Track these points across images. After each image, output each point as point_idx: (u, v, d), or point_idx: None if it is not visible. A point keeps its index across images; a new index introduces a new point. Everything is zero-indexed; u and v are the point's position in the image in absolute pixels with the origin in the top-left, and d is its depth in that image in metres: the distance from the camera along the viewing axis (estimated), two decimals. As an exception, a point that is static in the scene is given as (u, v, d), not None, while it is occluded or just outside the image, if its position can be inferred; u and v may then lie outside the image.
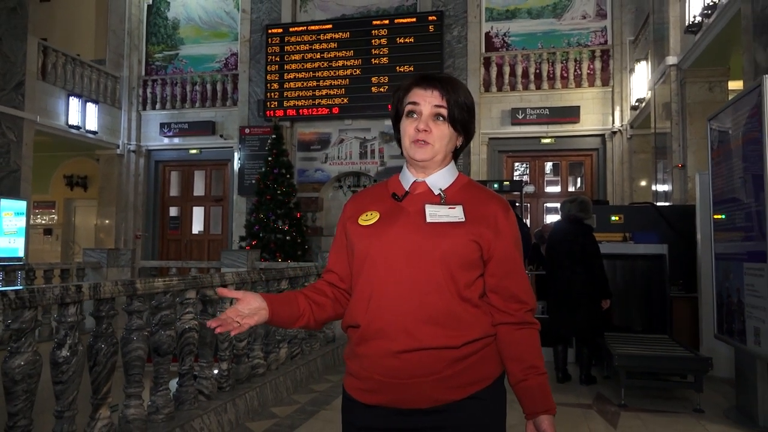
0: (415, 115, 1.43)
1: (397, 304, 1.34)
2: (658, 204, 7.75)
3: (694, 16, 6.68)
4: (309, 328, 1.59)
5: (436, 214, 1.39)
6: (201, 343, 3.76)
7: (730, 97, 6.80)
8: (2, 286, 5.27)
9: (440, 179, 1.46)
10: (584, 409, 4.50)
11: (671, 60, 7.54)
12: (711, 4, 6.16)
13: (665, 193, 8.28)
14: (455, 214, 1.39)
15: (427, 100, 1.41)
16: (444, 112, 1.41)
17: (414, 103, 1.42)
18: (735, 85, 7.06)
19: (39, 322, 5.71)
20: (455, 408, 1.34)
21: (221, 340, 4.01)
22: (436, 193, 1.44)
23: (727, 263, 4.59)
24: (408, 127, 1.43)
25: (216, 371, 3.98)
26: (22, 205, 10.00)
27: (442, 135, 1.42)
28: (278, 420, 4.08)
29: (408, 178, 1.48)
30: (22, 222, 9.97)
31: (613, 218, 6.70)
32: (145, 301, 3.19)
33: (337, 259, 1.52)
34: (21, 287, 2.50)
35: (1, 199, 9.58)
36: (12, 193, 10.00)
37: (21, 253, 9.94)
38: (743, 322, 4.22)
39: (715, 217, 4.86)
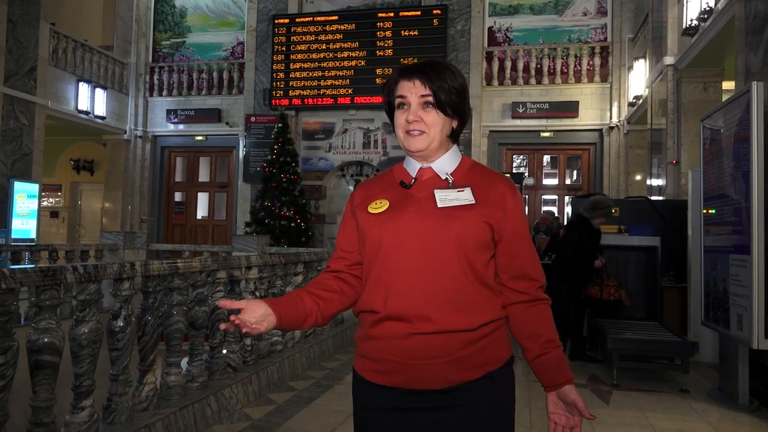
0: (405, 106, 1.44)
1: (415, 290, 1.35)
2: (653, 198, 8.08)
3: (691, 20, 6.98)
4: (317, 326, 1.57)
5: (446, 198, 1.40)
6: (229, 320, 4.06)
7: (723, 97, 7.13)
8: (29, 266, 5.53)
9: (446, 163, 1.47)
10: (579, 388, 4.82)
11: (668, 60, 7.84)
12: (707, 9, 6.46)
13: (659, 187, 8.62)
14: (465, 196, 1.41)
15: (412, 92, 1.42)
16: (430, 99, 1.41)
17: (401, 96, 1.44)
18: (728, 85, 7.37)
19: (62, 299, 6.02)
20: (468, 387, 1.36)
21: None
22: (443, 178, 1.45)
23: (715, 255, 4.92)
24: (399, 118, 1.45)
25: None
26: (34, 187, 10.27)
27: (433, 122, 1.42)
28: (297, 392, 4.41)
29: (413, 165, 1.48)
30: (34, 204, 10.24)
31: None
32: (184, 279, 3.50)
33: (347, 245, 1.51)
34: (87, 263, 2.80)
35: (15, 182, 9.83)
36: (24, 176, 10.25)
37: (33, 235, 10.22)
38: (727, 310, 4.56)
39: (706, 212, 5.19)
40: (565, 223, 6.47)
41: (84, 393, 2.73)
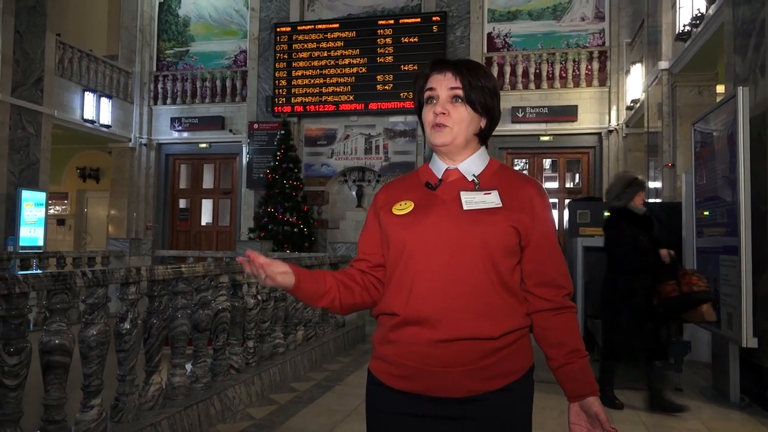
0: (433, 101, 1.41)
1: (438, 293, 1.32)
2: (649, 201, 8.17)
3: (684, 25, 7.10)
4: (333, 310, 1.47)
5: (472, 200, 1.37)
6: (232, 323, 4.20)
7: (717, 101, 7.23)
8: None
9: (472, 165, 1.43)
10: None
11: (663, 65, 7.97)
12: (699, 14, 6.58)
13: (656, 190, 8.72)
14: (492, 199, 1.37)
15: (442, 84, 1.40)
16: (460, 93, 1.39)
17: (431, 89, 1.41)
18: (722, 88, 7.47)
19: (73, 302, 6.16)
20: (487, 398, 1.33)
21: (248, 321, 4.45)
22: (469, 180, 1.41)
23: (707, 256, 5.04)
24: (427, 114, 1.42)
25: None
26: (41, 196, 10.45)
27: (460, 117, 1.39)
28: (299, 393, 4.54)
29: (440, 166, 1.45)
30: (41, 212, 10.42)
31: (606, 214, 7.11)
32: (188, 284, 3.63)
33: (369, 247, 1.49)
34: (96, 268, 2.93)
35: (23, 191, 10.01)
36: (31, 184, 10.43)
37: (41, 242, 10.39)
38: (718, 310, 4.67)
39: (701, 214, 5.29)
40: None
41: (93, 392, 2.86)
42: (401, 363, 1.35)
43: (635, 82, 10.09)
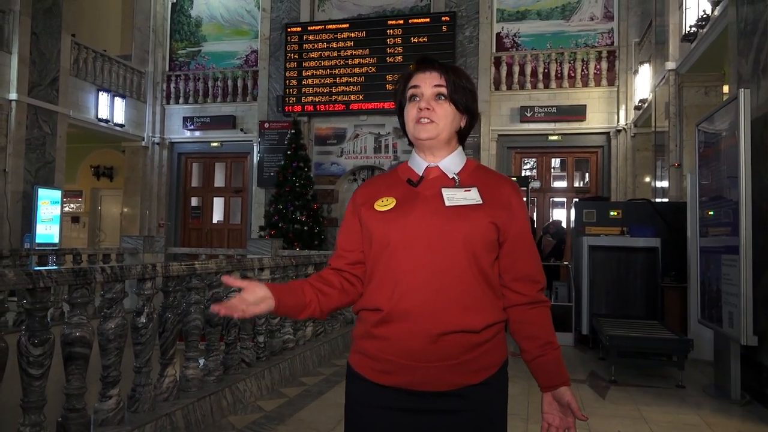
0: (417, 98, 1.45)
1: (423, 288, 1.35)
2: (656, 200, 8.23)
3: (690, 26, 7.15)
4: (314, 318, 1.51)
5: (453, 197, 1.41)
6: (243, 318, 4.32)
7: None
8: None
9: (452, 163, 1.47)
10: (577, 383, 5.04)
11: (670, 65, 8.01)
12: (704, 16, 6.63)
13: (663, 189, 8.77)
14: (472, 196, 1.41)
15: (426, 82, 1.44)
16: (444, 90, 1.43)
17: (415, 87, 1.45)
18: (729, 89, 7.51)
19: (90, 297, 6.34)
20: (466, 392, 1.37)
21: (258, 317, 4.58)
22: (450, 177, 1.46)
23: (710, 255, 5.11)
24: (411, 110, 1.46)
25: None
26: (57, 194, 10.66)
27: (445, 113, 1.44)
28: (308, 387, 4.66)
29: (420, 164, 1.49)
30: (57, 210, 10.63)
31: (612, 213, 7.21)
32: (201, 280, 3.76)
33: (349, 244, 1.51)
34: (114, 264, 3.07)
35: (39, 189, 10.22)
36: (47, 182, 10.65)
37: (56, 239, 10.60)
38: (720, 308, 4.74)
39: (705, 214, 5.36)
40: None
41: (111, 383, 3.00)
42: (383, 358, 1.38)
43: (643, 82, 10.13)
